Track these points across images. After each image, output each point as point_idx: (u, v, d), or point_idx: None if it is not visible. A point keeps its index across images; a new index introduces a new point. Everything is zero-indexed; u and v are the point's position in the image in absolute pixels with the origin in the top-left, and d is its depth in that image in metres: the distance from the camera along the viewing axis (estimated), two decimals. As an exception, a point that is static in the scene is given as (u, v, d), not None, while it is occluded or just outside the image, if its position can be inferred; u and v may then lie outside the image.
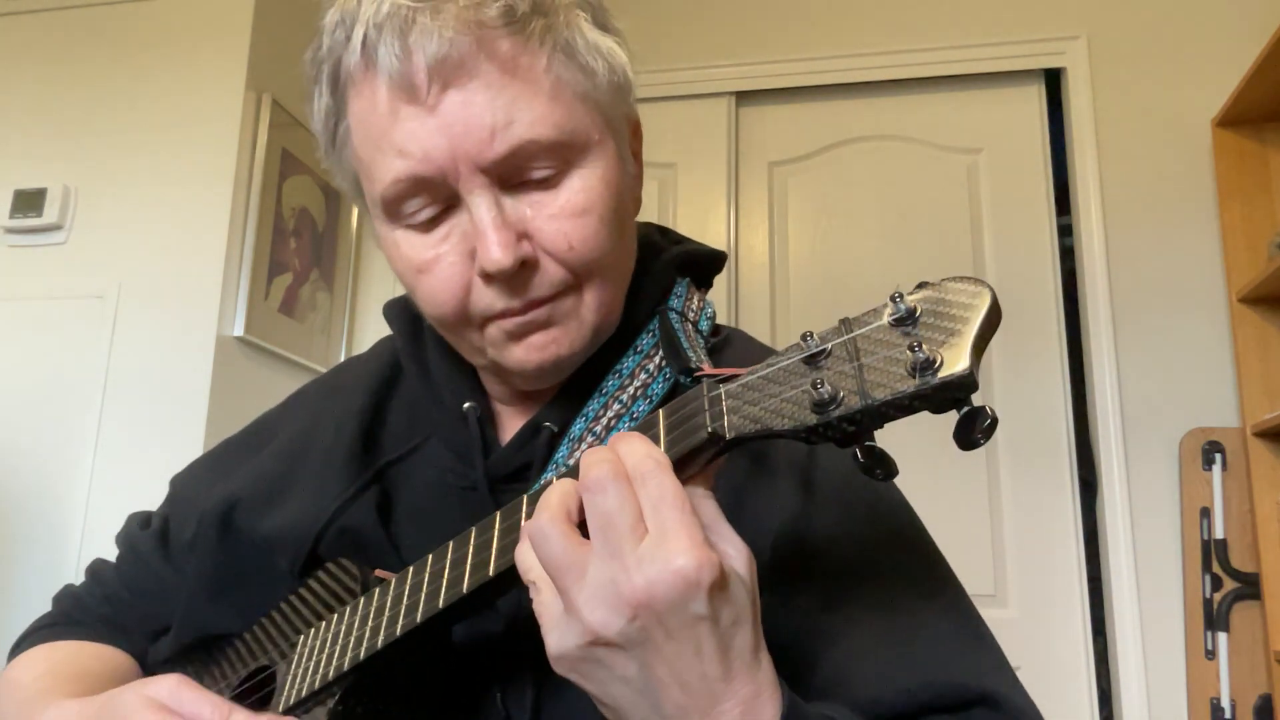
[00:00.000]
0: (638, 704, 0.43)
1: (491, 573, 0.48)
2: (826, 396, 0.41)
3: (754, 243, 2.51)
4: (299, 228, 2.29)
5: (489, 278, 0.56)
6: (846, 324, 0.43)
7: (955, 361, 0.39)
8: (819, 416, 0.41)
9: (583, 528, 0.44)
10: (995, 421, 0.39)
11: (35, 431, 2.00)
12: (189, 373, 1.97)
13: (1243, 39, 2.18)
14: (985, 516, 2.23)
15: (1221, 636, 1.98)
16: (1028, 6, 2.42)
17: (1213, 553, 2.02)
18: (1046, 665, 2.11)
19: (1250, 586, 1.98)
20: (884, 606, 0.56)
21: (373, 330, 2.57)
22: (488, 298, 0.57)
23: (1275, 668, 1.88)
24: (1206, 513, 2.05)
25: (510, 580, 0.49)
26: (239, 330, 2.03)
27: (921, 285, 0.42)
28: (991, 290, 0.40)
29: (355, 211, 2.56)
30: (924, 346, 0.39)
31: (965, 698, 0.52)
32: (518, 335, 0.59)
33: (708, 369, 0.54)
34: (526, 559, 0.45)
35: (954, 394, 0.39)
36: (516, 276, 0.56)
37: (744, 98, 2.58)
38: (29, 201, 2.10)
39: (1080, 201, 2.31)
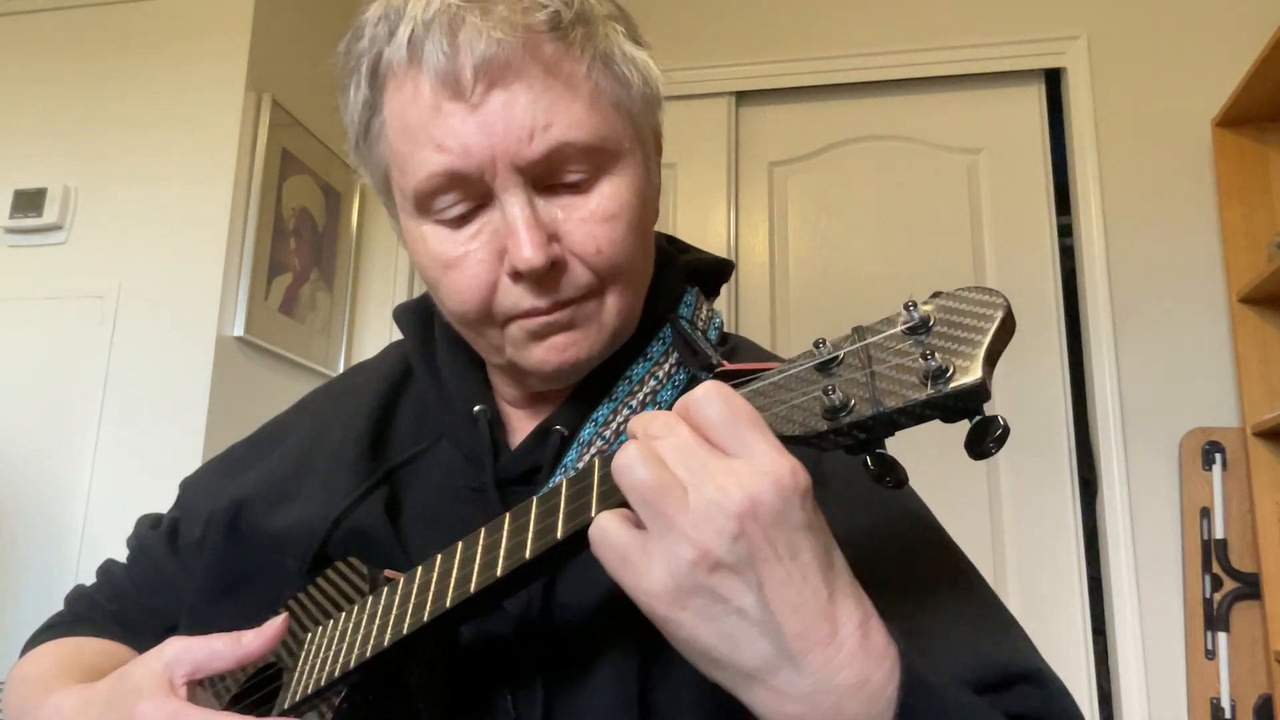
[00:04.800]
0: (757, 641, 0.41)
1: (500, 573, 0.48)
2: (838, 403, 0.41)
3: (754, 243, 2.51)
4: (299, 228, 2.29)
5: (518, 276, 0.57)
6: (859, 331, 0.43)
7: (968, 371, 0.39)
8: (830, 423, 0.42)
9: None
10: (1007, 431, 0.39)
11: (35, 431, 2.00)
12: (189, 373, 1.97)
13: (1243, 39, 2.18)
14: (985, 516, 2.23)
15: (1221, 636, 1.98)
16: (1028, 6, 2.43)
17: (1213, 553, 2.02)
18: (1046, 665, 2.11)
19: (1250, 586, 1.98)
20: (915, 594, 0.56)
21: (373, 330, 2.57)
22: (514, 296, 0.58)
23: (1275, 668, 1.88)
24: (1206, 513, 2.05)
25: (518, 582, 0.49)
26: (239, 330, 2.03)
27: (936, 295, 0.42)
28: (1006, 301, 0.40)
29: (355, 211, 2.56)
30: (936, 355, 0.39)
31: (1009, 677, 0.52)
32: (540, 335, 0.59)
33: (727, 365, 0.55)
34: (607, 525, 0.43)
35: (966, 403, 0.39)
36: (545, 277, 0.57)
37: (744, 98, 2.58)
38: (29, 201, 2.10)
39: (1080, 201, 2.31)
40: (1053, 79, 2.43)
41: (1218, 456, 2.06)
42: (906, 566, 0.58)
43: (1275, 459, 1.98)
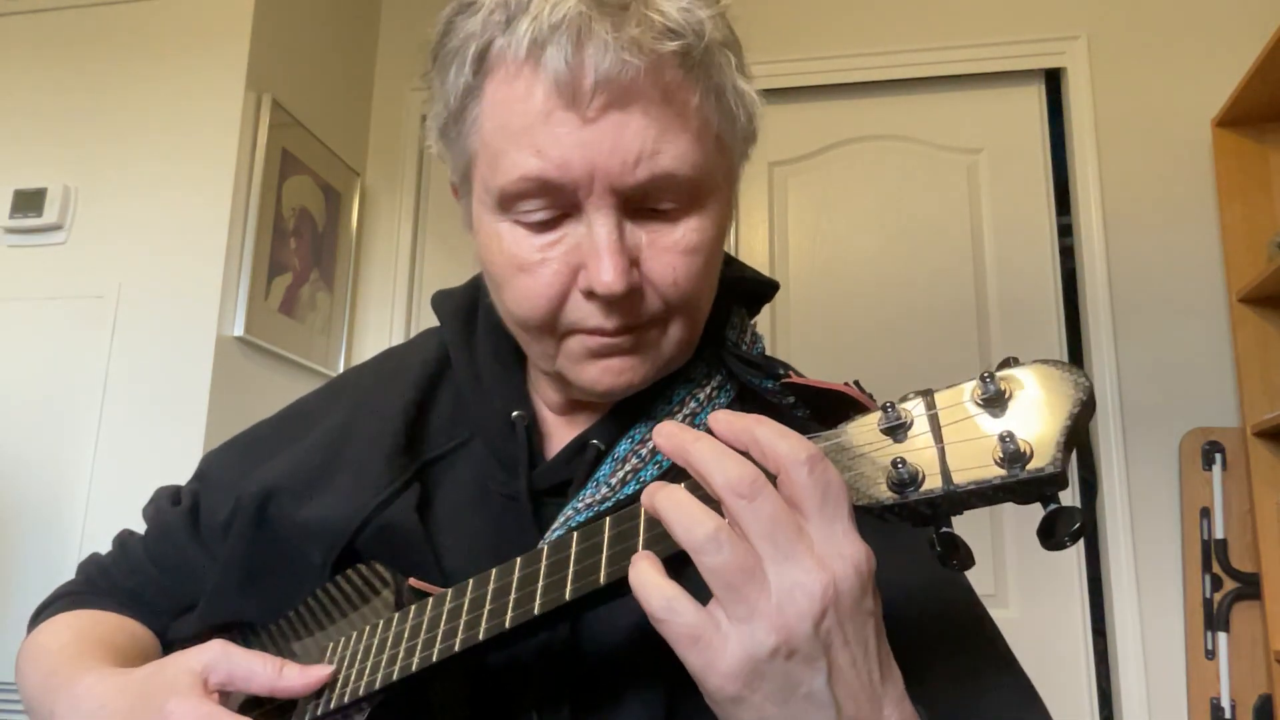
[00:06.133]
0: None
1: (537, 611, 0.47)
2: (906, 477, 0.40)
3: (754, 243, 2.51)
4: (299, 228, 2.29)
5: (591, 295, 0.56)
6: (929, 398, 0.41)
7: (1045, 455, 0.37)
8: (896, 496, 0.40)
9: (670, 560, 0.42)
10: (1084, 527, 0.38)
11: (35, 431, 2.00)
12: (189, 373, 1.97)
13: (1243, 39, 2.18)
14: (985, 516, 2.22)
15: (1221, 636, 1.98)
16: (1028, 6, 2.42)
17: (1213, 553, 2.02)
18: (1046, 665, 2.11)
19: (1250, 586, 1.98)
20: (948, 664, 0.55)
21: (373, 330, 2.57)
22: (582, 312, 0.57)
23: (1275, 668, 1.88)
24: (1206, 513, 2.05)
25: (549, 619, 0.48)
26: (239, 330, 2.03)
27: (1007, 362, 0.40)
28: (1089, 383, 0.39)
29: (355, 211, 2.56)
30: (1014, 436, 0.38)
31: None
32: (598, 355, 0.59)
33: (795, 377, 0.54)
34: (677, 604, 0.41)
35: (1042, 490, 0.38)
36: (618, 300, 0.56)
37: (744, 98, 2.58)
38: (29, 201, 2.10)
39: (1080, 201, 2.31)
40: (1053, 79, 2.43)
41: (1218, 456, 2.06)
42: (940, 630, 0.58)
43: (1275, 459, 1.98)
